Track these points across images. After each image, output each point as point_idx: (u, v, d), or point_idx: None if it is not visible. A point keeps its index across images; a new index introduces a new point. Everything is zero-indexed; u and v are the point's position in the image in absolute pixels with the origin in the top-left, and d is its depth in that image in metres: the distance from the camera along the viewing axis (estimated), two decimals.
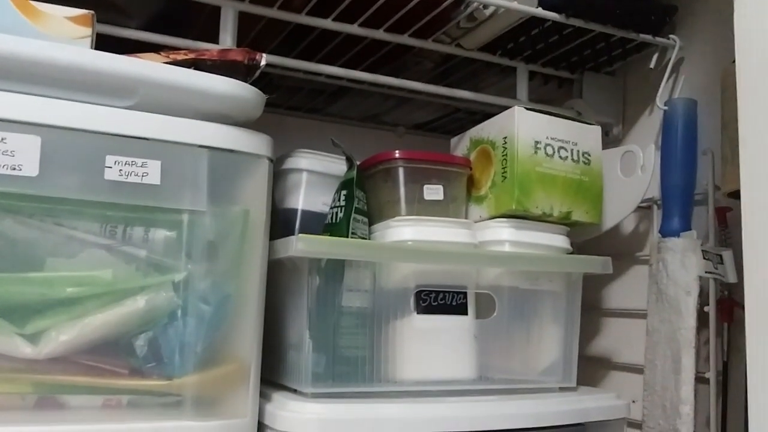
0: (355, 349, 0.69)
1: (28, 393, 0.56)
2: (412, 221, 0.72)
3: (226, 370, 0.61)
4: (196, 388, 0.59)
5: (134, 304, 0.58)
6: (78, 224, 0.58)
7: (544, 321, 0.77)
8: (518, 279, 0.75)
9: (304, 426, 0.61)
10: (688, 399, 0.73)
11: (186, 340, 0.59)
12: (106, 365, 0.58)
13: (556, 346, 0.77)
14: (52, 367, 0.56)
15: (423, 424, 0.64)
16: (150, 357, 0.59)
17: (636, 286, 0.88)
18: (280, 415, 0.63)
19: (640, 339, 0.83)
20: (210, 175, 0.60)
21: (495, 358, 0.74)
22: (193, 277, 0.60)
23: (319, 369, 0.67)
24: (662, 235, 0.80)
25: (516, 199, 0.73)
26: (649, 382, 0.79)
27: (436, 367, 0.71)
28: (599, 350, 0.94)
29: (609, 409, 0.74)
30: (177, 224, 0.60)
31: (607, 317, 0.94)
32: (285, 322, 0.71)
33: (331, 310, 0.68)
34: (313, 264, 0.66)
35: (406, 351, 0.70)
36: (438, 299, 0.71)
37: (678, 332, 0.75)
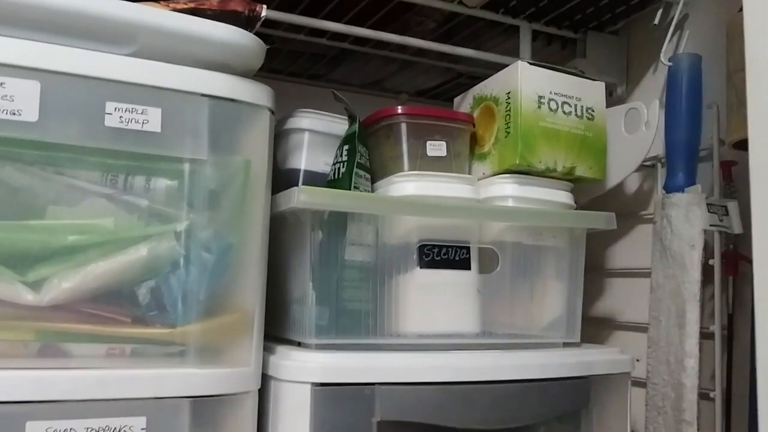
0: (358, 303, 0.69)
1: (31, 340, 0.56)
2: (414, 176, 0.72)
3: (229, 320, 0.61)
4: (199, 336, 0.59)
5: (136, 252, 0.58)
6: (79, 173, 0.58)
7: (547, 277, 0.76)
8: (521, 234, 0.75)
9: (308, 374, 0.61)
10: (692, 352, 0.73)
11: (188, 289, 0.59)
12: (109, 313, 0.58)
13: (559, 302, 0.77)
14: (55, 314, 0.56)
15: (426, 373, 0.64)
16: (153, 305, 0.59)
17: (640, 245, 0.88)
18: (283, 364, 0.63)
19: (644, 298, 0.83)
20: (211, 124, 0.60)
21: (498, 313, 0.74)
22: (195, 227, 0.59)
23: (323, 322, 0.67)
24: (666, 192, 0.79)
25: (519, 154, 0.73)
26: (653, 338, 0.79)
27: (439, 321, 0.71)
28: (603, 310, 0.93)
29: (613, 363, 0.74)
30: (178, 173, 0.60)
31: (611, 277, 0.93)
32: (288, 277, 0.71)
33: (334, 264, 0.68)
34: (315, 217, 0.66)
35: (409, 305, 0.70)
36: (441, 254, 0.71)
37: (682, 286, 0.75)
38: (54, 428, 0.52)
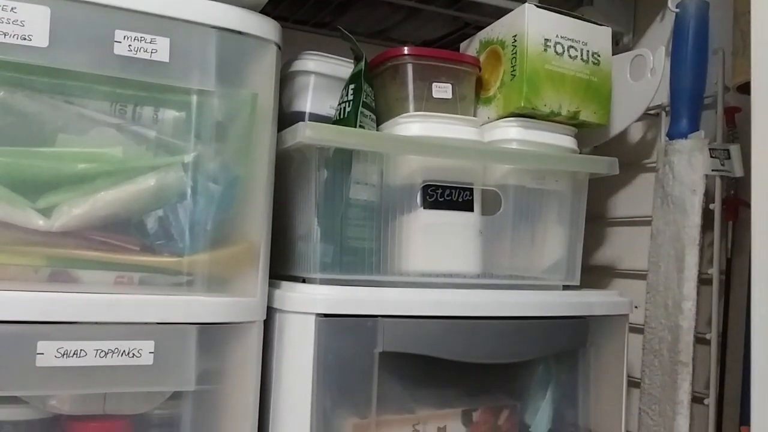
0: (362, 241, 0.70)
1: (42, 266, 0.57)
2: (419, 117, 0.72)
3: (236, 250, 0.62)
4: (206, 266, 0.60)
5: (144, 182, 0.59)
6: (88, 102, 0.59)
7: (549, 220, 0.77)
8: (524, 178, 0.75)
9: (313, 305, 0.63)
10: (690, 295, 0.74)
11: (196, 219, 0.60)
12: (118, 241, 0.59)
13: (560, 246, 0.78)
14: (65, 240, 0.57)
15: (428, 307, 0.65)
16: (161, 234, 0.60)
17: (641, 194, 0.89)
18: (288, 296, 0.64)
19: (644, 246, 0.84)
20: (218, 55, 0.60)
21: (499, 255, 0.75)
22: (202, 158, 0.60)
23: (327, 259, 0.68)
24: (669, 139, 0.80)
25: (525, 96, 0.73)
26: (652, 283, 0.80)
27: (441, 261, 0.72)
28: (603, 258, 0.95)
29: (612, 305, 0.75)
30: (186, 105, 0.60)
31: (612, 226, 0.94)
32: (293, 214, 0.71)
33: (339, 202, 0.68)
34: (321, 154, 0.67)
35: (411, 244, 0.71)
36: (444, 195, 0.72)
37: (682, 231, 0.76)
38: (65, 348, 0.54)
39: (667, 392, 0.76)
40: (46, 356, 0.53)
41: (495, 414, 0.73)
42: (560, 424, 0.75)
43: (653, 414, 0.78)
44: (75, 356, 0.54)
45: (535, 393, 0.75)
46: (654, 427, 0.78)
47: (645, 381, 0.80)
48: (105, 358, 0.55)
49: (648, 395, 0.80)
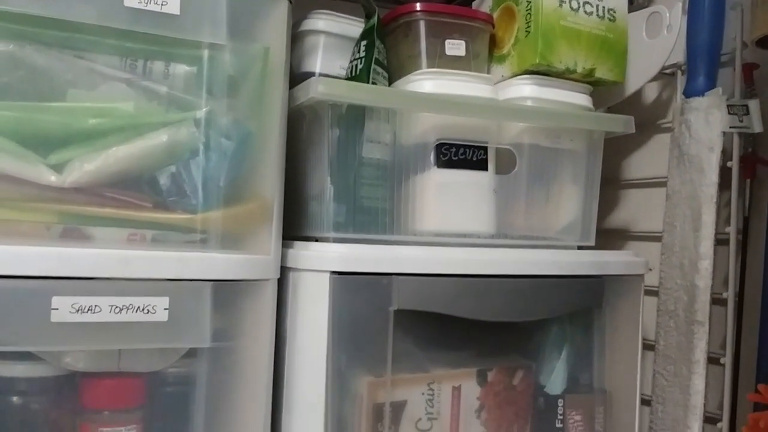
0: (376, 200, 0.69)
1: (54, 223, 0.57)
2: (432, 74, 0.71)
3: (249, 207, 0.62)
4: (220, 224, 0.60)
5: (156, 138, 0.58)
6: (98, 57, 0.58)
7: (564, 180, 0.76)
8: (539, 136, 0.74)
9: (327, 263, 0.62)
10: (707, 254, 0.74)
11: (208, 175, 0.59)
12: (130, 198, 0.58)
13: (575, 206, 0.77)
14: (77, 196, 0.57)
15: (443, 265, 0.65)
16: (173, 191, 0.59)
17: (656, 155, 0.87)
18: (302, 254, 0.64)
19: (659, 208, 0.83)
20: (229, 8, 0.59)
21: (514, 215, 0.74)
22: (214, 113, 0.59)
23: (340, 218, 0.67)
24: (686, 97, 0.78)
25: (539, 53, 0.72)
26: (667, 244, 0.80)
27: (454, 221, 0.71)
28: (617, 221, 0.94)
29: (627, 264, 0.75)
30: (197, 59, 0.59)
31: (626, 188, 0.93)
32: (306, 174, 0.71)
33: (352, 160, 0.68)
34: (333, 112, 0.66)
35: (425, 204, 0.70)
36: (458, 154, 0.71)
37: (699, 189, 0.75)
38: (79, 304, 0.53)
39: (683, 352, 0.75)
40: (60, 312, 0.53)
41: (510, 374, 0.73)
42: (575, 384, 0.75)
43: (668, 375, 0.78)
44: (90, 312, 0.54)
45: (549, 353, 0.75)
46: (669, 388, 0.78)
47: (660, 343, 0.80)
48: (119, 314, 0.55)
49: (663, 356, 0.79)
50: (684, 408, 0.75)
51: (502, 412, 0.72)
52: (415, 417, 0.67)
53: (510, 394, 0.73)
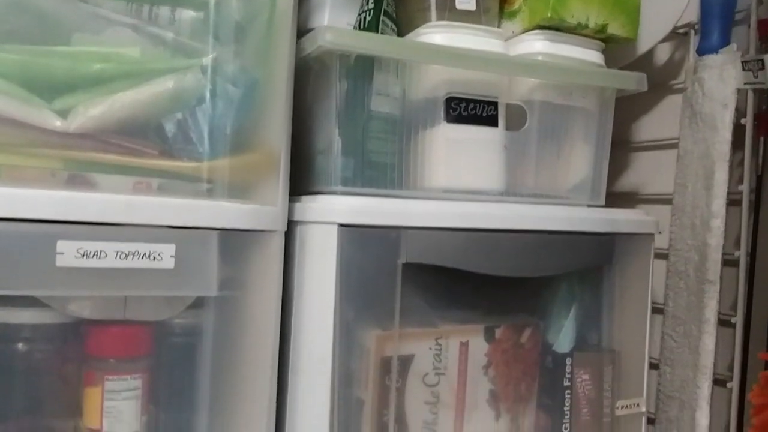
0: (384, 155, 0.68)
1: (59, 169, 0.56)
2: (442, 27, 0.70)
3: (256, 157, 0.61)
4: (227, 172, 0.59)
5: (163, 84, 0.57)
6: (103, 1, 0.57)
7: (575, 138, 0.75)
8: (550, 93, 0.73)
9: (335, 215, 0.61)
10: (719, 213, 0.73)
11: (215, 123, 0.58)
12: (136, 145, 0.58)
13: (586, 164, 0.76)
14: (82, 142, 0.56)
15: (452, 219, 0.64)
16: (179, 138, 0.58)
17: (667, 116, 0.86)
18: (309, 207, 0.63)
19: (669, 170, 0.82)
20: None
21: (524, 173, 0.73)
22: (220, 60, 0.58)
23: (348, 173, 0.67)
24: (699, 54, 0.77)
25: (551, 6, 0.71)
26: (678, 205, 0.79)
27: (464, 177, 0.70)
28: (627, 183, 0.93)
29: (638, 223, 0.74)
30: (203, 4, 0.58)
31: (637, 151, 0.92)
32: (313, 128, 0.70)
33: (360, 113, 0.67)
34: (341, 62, 0.65)
35: (434, 159, 0.69)
36: (468, 109, 0.70)
37: (712, 148, 0.74)
38: (84, 249, 0.53)
39: (693, 312, 0.75)
40: (65, 256, 0.52)
41: (517, 331, 0.72)
42: (583, 343, 0.74)
43: (677, 336, 0.77)
44: (95, 257, 0.53)
45: (558, 312, 0.74)
46: (677, 349, 0.77)
47: (669, 304, 0.79)
48: (125, 260, 0.54)
49: (672, 318, 0.78)
50: (693, 368, 0.74)
51: (509, 370, 0.71)
52: (423, 371, 0.67)
53: (518, 351, 0.72)
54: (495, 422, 0.72)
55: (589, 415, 0.73)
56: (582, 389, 0.72)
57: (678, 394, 0.76)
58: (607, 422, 0.73)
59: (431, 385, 0.68)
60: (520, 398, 0.73)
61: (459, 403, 0.69)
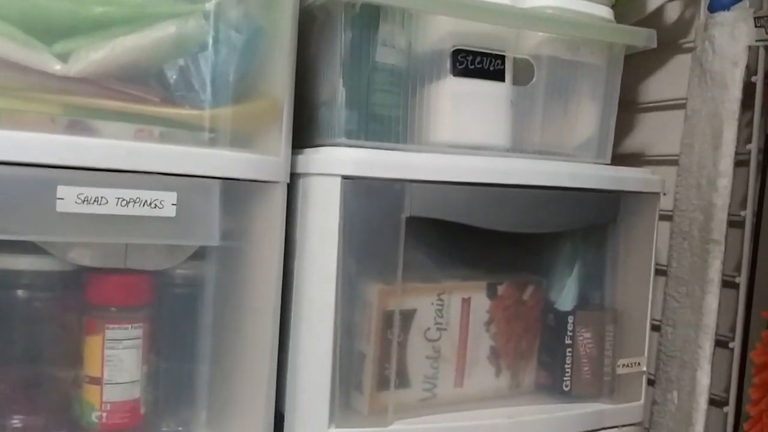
0: (389, 108, 0.67)
1: (59, 115, 0.55)
2: None
3: (259, 106, 0.60)
4: (229, 121, 0.58)
5: (164, 29, 0.56)
6: None
7: (582, 94, 0.74)
8: (559, 48, 0.72)
9: (338, 166, 0.61)
10: (726, 172, 0.72)
11: (218, 70, 0.57)
12: (137, 91, 0.57)
13: (593, 122, 0.75)
14: (83, 87, 0.55)
15: (457, 173, 0.63)
16: (181, 85, 0.57)
17: (675, 77, 0.85)
18: (313, 158, 0.62)
19: (676, 131, 0.81)
20: None
21: (530, 129, 0.72)
22: (223, 6, 0.57)
23: (352, 125, 0.65)
24: (711, 11, 0.76)
25: None
26: (684, 165, 0.78)
27: (469, 132, 0.69)
28: (633, 145, 0.92)
29: (644, 181, 0.73)
30: None
31: (643, 112, 0.91)
32: (317, 80, 0.69)
33: (365, 65, 0.65)
34: (346, 11, 0.63)
35: (440, 113, 0.68)
36: (475, 62, 0.68)
37: (721, 106, 0.73)
38: (85, 195, 0.52)
39: (697, 272, 0.74)
40: (66, 202, 0.51)
41: (520, 289, 0.72)
42: (585, 302, 0.74)
43: (680, 296, 0.77)
44: (96, 203, 0.52)
45: (561, 270, 0.74)
46: (680, 309, 0.77)
47: (672, 265, 0.79)
48: (126, 207, 0.53)
49: (675, 279, 0.78)
50: (695, 328, 0.74)
51: (511, 326, 0.71)
52: (425, 326, 0.67)
53: (520, 308, 0.72)
54: (495, 378, 0.72)
55: (589, 373, 0.73)
56: (583, 347, 0.72)
57: (679, 354, 0.76)
58: (608, 380, 0.73)
59: (433, 340, 0.68)
60: (521, 355, 0.73)
61: (460, 359, 0.69)
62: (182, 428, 0.60)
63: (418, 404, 0.67)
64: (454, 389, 0.69)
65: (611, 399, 0.73)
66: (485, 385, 0.71)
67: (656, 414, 0.80)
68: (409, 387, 0.66)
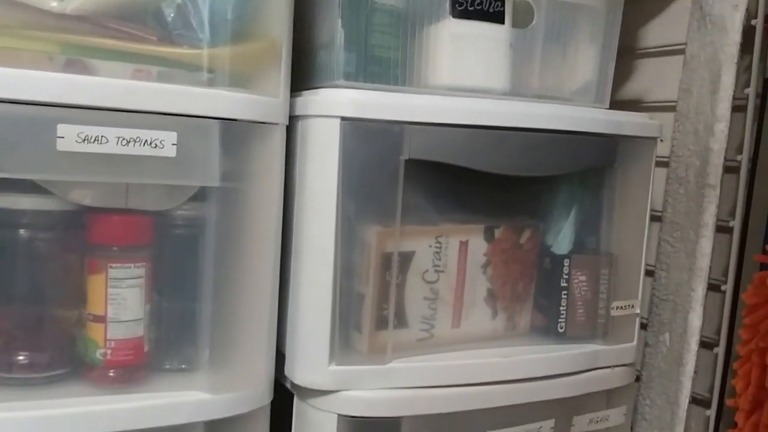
0: (387, 50, 0.66)
1: (56, 53, 0.54)
2: None
3: (258, 46, 0.60)
4: (227, 61, 0.58)
5: None
6: None
7: (581, 38, 0.73)
8: None
9: (338, 108, 0.61)
10: (723, 116, 0.72)
11: (216, 8, 0.57)
12: (135, 30, 0.56)
13: (591, 66, 0.75)
14: (80, 26, 0.54)
15: (456, 115, 0.63)
16: (179, 24, 0.57)
17: (674, 22, 0.84)
18: (312, 99, 0.62)
19: (674, 77, 0.81)
20: None
21: (529, 72, 0.71)
22: None
23: (351, 68, 0.65)
24: None
25: None
26: (681, 110, 0.78)
27: (468, 75, 0.69)
28: (631, 92, 0.91)
29: (642, 126, 0.73)
30: None
31: (641, 58, 0.90)
32: (315, 21, 0.68)
33: (364, 5, 0.65)
34: None
35: (439, 55, 0.68)
36: (475, 4, 0.68)
37: (720, 50, 0.72)
38: (85, 133, 0.52)
39: (692, 217, 0.75)
40: (66, 140, 0.51)
41: (517, 232, 0.73)
42: (581, 246, 0.75)
43: (674, 241, 0.78)
44: (96, 143, 0.52)
45: (558, 214, 0.74)
46: (674, 254, 0.78)
47: (668, 210, 0.80)
48: (127, 146, 0.53)
49: (670, 224, 0.79)
50: (689, 271, 0.75)
51: (507, 269, 0.72)
52: (423, 268, 0.68)
53: (516, 252, 0.73)
54: (491, 320, 0.73)
55: (584, 315, 0.74)
56: (578, 290, 0.73)
57: (672, 297, 0.78)
58: (602, 322, 0.74)
59: (430, 281, 0.68)
60: (517, 298, 0.74)
61: (457, 300, 0.70)
62: (185, 366, 0.61)
63: (415, 344, 0.68)
64: (451, 330, 0.70)
65: (605, 340, 0.74)
66: (481, 327, 0.72)
67: (648, 356, 0.81)
68: (407, 327, 0.68)
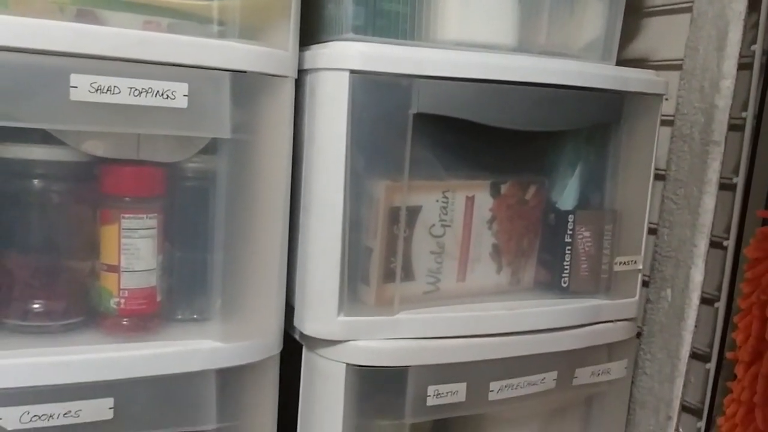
0: (396, 3, 0.66)
1: (67, 4, 0.55)
2: None
3: None
4: (237, 13, 0.58)
5: None
6: None
7: None
8: None
9: (346, 61, 0.61)
10: (729, 73, 0.72)
11: None
12: None
13: (599, 23, 0.74)
14: None
15: (465, 69, 0.64)
16: None
17: None
18: (320, 53, 0.63)
19: (680, 36, 0.80)
20: None
21: (536, 28, 0.71)
22: None
23: (359, 21, 0.65)
24: None
25: None
26: (687, 68, 0.78)
27: (476, 30, 0.69)
28: (637, 51, 0.91)
29: (648, 82, 0.73)
30: None
31: (648, 17, 0.90)
32: None
33: None
34: None
35: (447, 10, 0.68)
36: None
37: (728, 7, 0.72)
38: (98, 83, 0.52)
39: (695, 174, 0.76)
40: (79, 90, 0.52)
41: (523, 188, 0.73)
42: (586, 202, 0.76)
43: (677, 198, 0.79)
44: (109, 93, 0.53)
45: (563, 171, 0.75)
46: (677, 210, 0.79)
47: (671, 168, 0.80)
48: (139, 97, 0.54)
49: (674, 181, 0.80)
50: (691, 228, 0.76)
51: (513, 225, 0.73)
52: (429, 222, 0.69)
53: (522, 208, 0.74)
54: (496, 275, 0.74)
55: (587, 271, 0.75)
56: (582, 245, 0.74)
57: (674, 254, 0.79)
58: (605, 278, 0.75)
59: (437, 236, 0.69)
60: (522, 253, 0.75)
61: (463, 255, 0.71)
62: (197, 315, 0.63)
63: (422, 297, 0.69)
64: (457, 284, 0.71)
65: (607, 295, 0.76)
66: (487, 281, 0.73)
67: (649, 312, 0.83)
68: (414, 280, 0.69)
